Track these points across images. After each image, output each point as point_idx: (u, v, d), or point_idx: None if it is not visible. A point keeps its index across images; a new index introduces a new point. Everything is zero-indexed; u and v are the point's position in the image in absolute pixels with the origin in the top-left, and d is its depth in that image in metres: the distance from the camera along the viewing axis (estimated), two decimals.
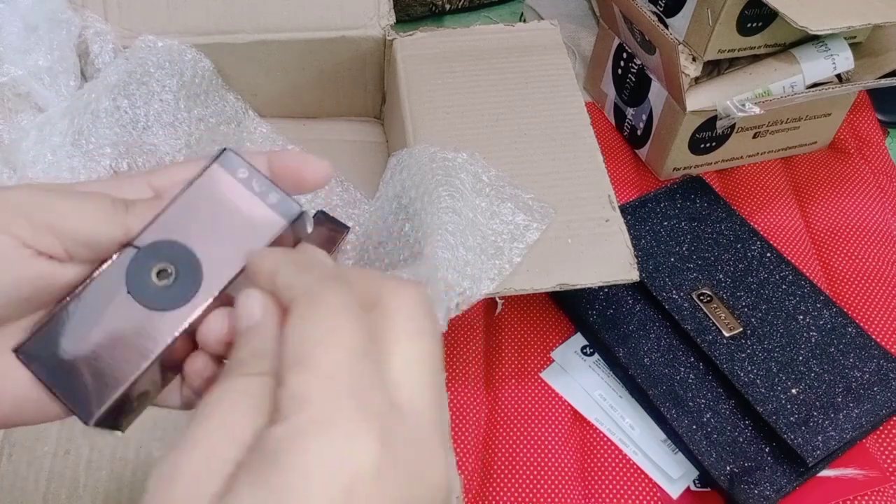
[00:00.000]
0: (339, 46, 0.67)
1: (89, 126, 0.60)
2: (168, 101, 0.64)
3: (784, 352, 0.56)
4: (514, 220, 0.51)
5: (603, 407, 0.57)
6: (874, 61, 0.68)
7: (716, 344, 0.56)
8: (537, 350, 0.60)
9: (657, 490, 0.53)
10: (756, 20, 0.62)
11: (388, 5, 0.66)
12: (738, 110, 0.62)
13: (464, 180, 0.52)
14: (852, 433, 0.52)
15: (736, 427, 0.53)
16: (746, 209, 0.69)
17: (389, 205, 0.54)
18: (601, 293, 0.60)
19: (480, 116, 0.58)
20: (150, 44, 0.64)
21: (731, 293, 0.59)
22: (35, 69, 0.61)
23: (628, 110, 0.74)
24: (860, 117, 0.77)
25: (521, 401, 0.57)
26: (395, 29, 0.66)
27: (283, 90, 0.71)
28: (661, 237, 0.63)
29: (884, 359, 0.55)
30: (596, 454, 0.55)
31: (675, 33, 0.65)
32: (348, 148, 0.72)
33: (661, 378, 0.55)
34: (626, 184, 0.72)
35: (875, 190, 0.71)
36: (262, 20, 0.66)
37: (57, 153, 0.59)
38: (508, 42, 0.63)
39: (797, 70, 0.65)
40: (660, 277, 0.60)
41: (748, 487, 0.50)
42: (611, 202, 0.53)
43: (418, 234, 0.51)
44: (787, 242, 0.67)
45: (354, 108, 0.74)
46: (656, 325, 0.58)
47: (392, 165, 0.55)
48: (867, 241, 0.67)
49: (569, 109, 0.58)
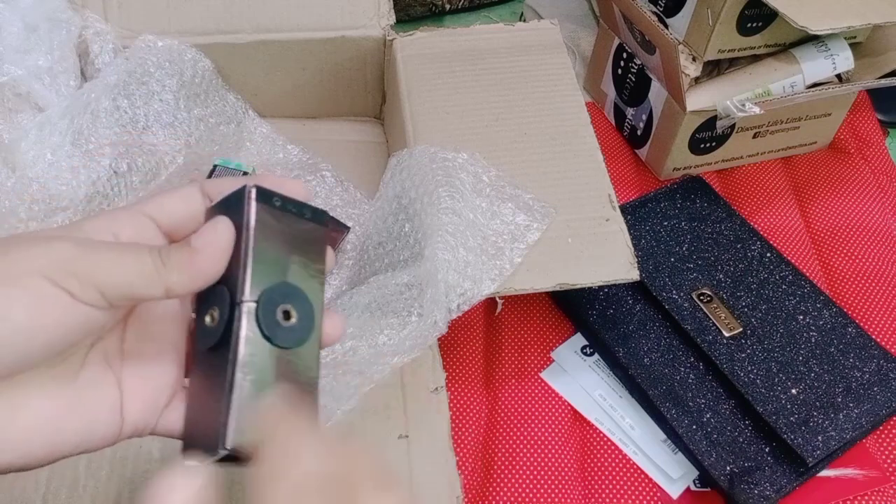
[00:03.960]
0: (339, 46, 0.67)
1: (89, 126, 0.60)
2: (168, 100, 0.64)
3: (784, 352, 0.56)
4: (515, 220, 0.51)
5: (603, 407, 0.57)
6: (874, 61, 0.68)
7: (716, 344, 0.56)
8: (537, 350, 0.60)
9: (657, 490, 0.53)
10: (756, 20, 0.62)
11: (388, 5, 0.66)
12: (738, 110, 0.62)
13: (464, 180, 0.52)
14: (852, 433, 0.52)
15: (736, 427, 0.53)
16: (746, 209, 0.69)
17: (389, 205, 0.54)
18: (601, 293, 0.60)
19: (480, 116, 0.58)
20: (150, 44, 0.64)
21: (731, 293, 0.59)
22: (35, 69, 0.61)
23: (628, 110, 0.74)
24: (860, 117, 0.77)
25: (521, 401, 0.57)
26: (395, 29, 0.66)
27: (283, 90, 0.71)
28: (661, 237, 0.63)
29: (884, 359, 0.55)
30: (596, 454, 0.55)
31: (675, 33, 0.65)
32: (348, 148, 0.72)
33: (661, 378, 0.55)
34: (626, 184, 0.72)
35: (875, 190, 0.71)
36: (262, 20, 0.66)
37: (57, 153, 0.59)
38: (508, 42, 0.63)
39: (797, 70, 0.65)
40: (660, 277, 0.60)
41: (748, 487, 0.50)
42: (611, 202, 0.53)
43: (418, 235, 0.51)
44: (787, 242, 0.67)
45: (354, 108, 0.74)
46: (656, 325, 0.58)
47: (392, 166, 0.55)
48: (867, 241, 0.67)
49: (569, 109, 0.58)
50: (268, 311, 0.30)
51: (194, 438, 0.31)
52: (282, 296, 0.31)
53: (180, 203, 0.32)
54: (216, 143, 0.67)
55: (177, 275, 0.29)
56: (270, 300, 0.30)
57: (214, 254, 0.30)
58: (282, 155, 0.70)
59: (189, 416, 0.32)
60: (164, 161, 0.63)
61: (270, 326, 0.30)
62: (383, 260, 0.53)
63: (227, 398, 0.29)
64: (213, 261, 0.30)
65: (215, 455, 0.29)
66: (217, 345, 0.30)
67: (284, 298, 0.31)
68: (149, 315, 0.33)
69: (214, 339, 0.31)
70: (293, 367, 0.31)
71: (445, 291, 0.47)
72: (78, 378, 0.30)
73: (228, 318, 0.30)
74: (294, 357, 0.31)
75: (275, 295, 0.30)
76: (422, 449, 0.49)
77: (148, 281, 0.29)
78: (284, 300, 0.31)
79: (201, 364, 0.32)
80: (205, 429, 0.30)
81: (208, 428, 0.30)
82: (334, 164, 0.69)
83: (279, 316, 0.30)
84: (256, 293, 0.30)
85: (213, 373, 0.31)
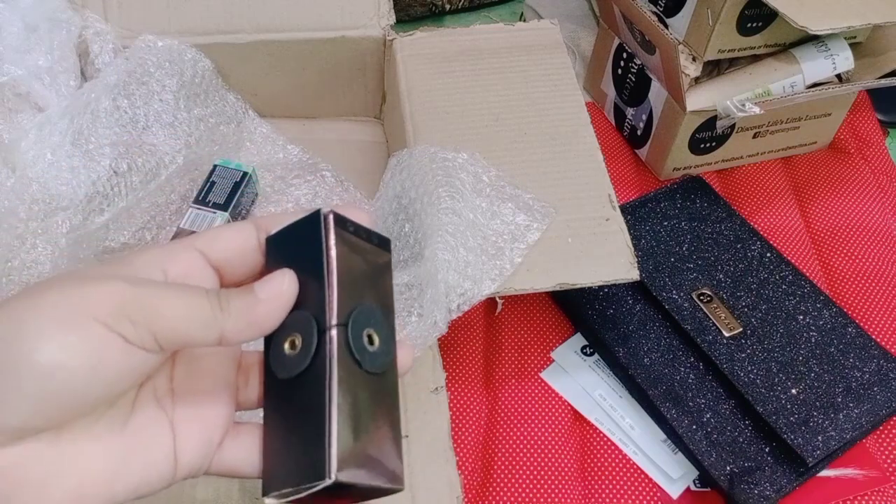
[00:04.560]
0: (339, 46, 0.67)
1: (89, 126, 0.60)
2: (168, 100, 0.64)
3: (784, 352, 0.56)
4: (515, 220, 0.51)
5: (603, 407, 0.57)
6: (874, 61, 0.68)
7: (716, 344, 0.56)
8: (537, 350, 0.60)
9: (657, 490, 0.53)
10: (756, 20, 0.62)
11: (388, 5, 0.66)
12: (738, 110, 0.62)
13: (464, 180, 0.52)
14: (852, 433, 0.52)
15: (736, 427, 0.53)
16: (746, 209, 0.69)
17: (389, 205, 0.54)
18: (601, 293, 0.60)
19: (480, 116, 0.58)
20: (150, 44, 0.64)
21: (731, 293, 0.59)
22: (35, 69, 0.61)
23: (628, 110, 0.74)
24: (860, 117, 0.77)
25: (521, 401, 0.57)
26: (395, 29, 0.66)
27: (283, 90, 0.71)
28: (661, 237, 0.63)
29: (884, 359, 0.55)
30: (596, 454, 0.55)
31: (675, 33, 0.65)
32: (348, 148, 0.72)
33: (661, 378, 0.55)
34: (626, 184, 0.72)
35: (875, 190, 0.71)
36: (262, 20, 0.66)
37: (57, 153, 0.59)
38: (508, 42, 0.63)
39: (797, 70, 0.65)
40: (660, 277, 0.60)
41: (748, 487, 0.50)
42: (611, 201, 0.53)
43: (418, 235, 0.51)
44: (787, 242, 0.67)
45: (354, 108, 0.74)
46: (656, 325, 0.58)
47: (392, 165, 0.55)
48: (867, 241, 0.67)
49: (569, 109, 0.58)
50: (356, 335, 0.29)
51: (278, 473, 0.30)
52: (365, 320, 0.30)
53: (234, 236, 0.31)
54: (216, 143, 0.67)
55: (233, 322, 0.29)
56: (357, 324, 0.30)
57: (277, 305, 0.29)
58: (282, 155, 0.70)
59: (269, 450, 0.31)
60: (164, 161, 0.63)
61: (360, 351, 0.29)
62: None
63: (328, 425, 0.28)
64: (275, 312, 0.29)
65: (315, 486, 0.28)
66: (303, 372, 0.29)
67: (367, 323, 0.30)
68: (197, 351, 0.32)
69: (299, 366, 0.29)
70: (380, 394, 0.30)
71: (445, 291, 0.47)
72: (129, 423, 0.29)
73: (318, 343, 0.29)
74: (379, 384, 0.30)
75: (360, 319, 0.30)
76: (422, 449, 0.49)
77: (204, 327, 0.28)
78: (367, 325, 0.30)
79: (281, 394, 0.31)
80: (295, 461, 0.29)
81: (299, 460, 0.29)
82: (334, 164, 0.69)
83: (364, 341, 0.30)
84: (344, 317, 0.29)
85: (299, 402, 0.29)
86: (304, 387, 0.29)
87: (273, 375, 0.31)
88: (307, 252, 0.30)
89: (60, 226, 0.58)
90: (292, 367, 0.30)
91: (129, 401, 0.30)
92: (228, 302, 0.29)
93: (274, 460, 0.30)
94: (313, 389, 0.29)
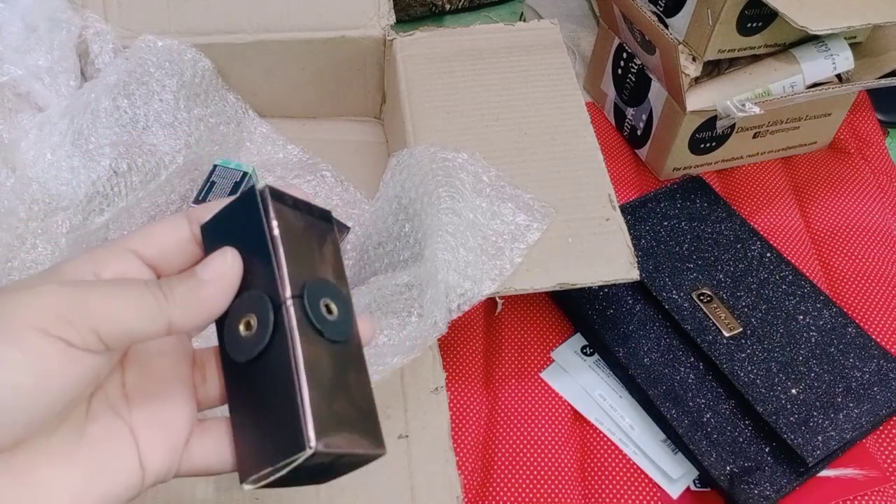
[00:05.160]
0: (339, 46, 0.67)
1: (89, 126, 0.60)
2: (168, 100, 0.64)
3: (784, 352, 0.56)
4: (515, 220, 0.51)
5: (603, 407, 0.57)
6: (874, 61, 0.68)
7: (716, 344, 0.56)
8: (537, 350, 0.60)
9: (657, 490, 0.53)
10: (756, 20, 0.62)
11: (388, 5, 0.66)
12: (738, 110, 0.62)
13: (464, 180, 0.52)
14: (852, 433, 0.52)
15: (736, 427, 0.53)
16: (746, 209, 0.69)
17: (389, 205, 0.54)
18: (601, 293, 0.60)
19: (480, 116, 0.58)
20: (150, 44, 0.64)
21: (731, 293, 0.59)
22: (35, 69, 0.61)
23: (628, 110, 0.74)
24: (860, 117, 0.77)
25: (521, 401, 0.57)
26: (395, 29, 0.66)
27: (283, 90, 0.71)
28: (661, 237, 0.63)
29: (884, 359, 0.55)
30: (596, 454, 0.55)
31: (675, 33, 0.65)
32: (348, 148, 0.72)
33: (661, 378, 0.55)
34: (626, 184, 0.72)
35: (875, 190, 0.71)
36: (262, 20, 0.66)
37: (57, 153, 0.59)
38: (508, 42, 0.63)
39: (797, 70, 0.65)
40: (660, 277, 0.60)
41: (748, 487, 0.50)
42: (611, 201, 0.53)
43: (418, 235, 0.51)
44: (787, 242, 0.67)
45: (354, 108, 0.74)
46: (656, 325, 0.58)
47: (392, 166, 0.55)
48: (867, 241, 0.67)
49: (569, 109, 0.58)
50: (313, 304, 0.28)
51: (252, 457, 0.29)
52: (319, 291, 0.29)
53: (166, 231, 0.30)
54: (216, 143, 0.67)
55: (180, 309, 0.27)
56: (312, 295, 0.29)
57: (224, 284, 0.29)
58: (282, 155, 0.70)
59: (240, 437, 0.30)
60: (164, 161, 0.63)
61: (320, 320, 0.28)
62: (383, 260, 0.53)
63: (299, 396, 0.27)
64: (222, 292, 0.29)
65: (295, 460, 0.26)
66: (264, 350, 0.28)
67: (323, 293, 0.29)
68: (145, 352, 0.31)
69: (259, 345, 0.28)
70: (347, 362, 0.29)
71: (445, 292, 0.47)
72: (86, 434, 0.28)
73: (275, 318, 0.28)
74: (344, 351, 0.29)
75: (314, 290, 0.29)
76: (422, 449, 0.49)
77: (149, 318, 0.27)
78: (323, 295, 0.29)
79: (244, 379, 0.29)
80: (270, 441, 0.28)
81: (274, 438, 0.28)
82: (334, 164, 0.69)
83: (323, 310, 0.29)
84: (297, 289, 0.28)
85: (263, 381, 0.28)
86: (267, 365, 0.28)
87: (232, 362, 0.30)
88: (248, 231, 0.29)
89: (60, 226, 0.58)
90: (251, 347, 0.29)
91: (83, 412, 0.28)
92: (172, 289, 0.28)
93: (247, 447, 0.29)
94: (277, 365, 0.28)
